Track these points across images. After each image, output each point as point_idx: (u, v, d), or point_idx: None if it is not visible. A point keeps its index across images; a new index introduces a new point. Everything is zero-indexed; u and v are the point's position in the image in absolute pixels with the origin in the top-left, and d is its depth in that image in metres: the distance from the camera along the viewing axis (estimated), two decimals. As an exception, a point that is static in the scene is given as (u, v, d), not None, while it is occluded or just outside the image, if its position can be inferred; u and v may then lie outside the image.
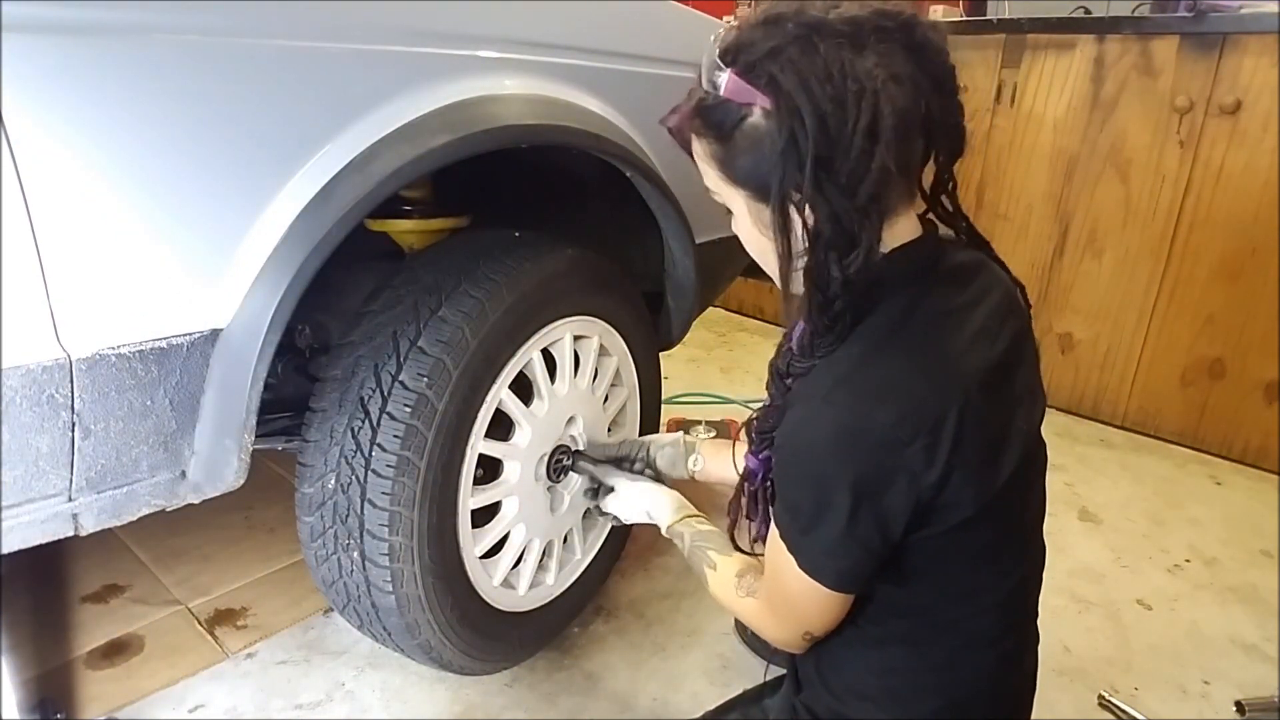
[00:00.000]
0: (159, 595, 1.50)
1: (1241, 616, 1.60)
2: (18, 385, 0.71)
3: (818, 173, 0.68)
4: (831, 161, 0.68)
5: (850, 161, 0.68)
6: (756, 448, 0.91)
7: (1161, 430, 2.35)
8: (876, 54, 0.68)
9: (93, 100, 0.70)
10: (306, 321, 1.30)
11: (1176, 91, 2.11)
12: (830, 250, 0.72)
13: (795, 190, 0.70)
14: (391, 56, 0.92)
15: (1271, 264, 2.06)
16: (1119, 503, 2.01)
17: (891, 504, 0.72)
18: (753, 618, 0.94)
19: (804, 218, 0.72)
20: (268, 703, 1.28)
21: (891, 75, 0.68)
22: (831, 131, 0.67)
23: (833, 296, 0.74)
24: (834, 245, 0.72)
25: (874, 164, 0.68)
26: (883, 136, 0.68)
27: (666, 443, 1.29)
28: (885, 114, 0.67)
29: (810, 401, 0.76)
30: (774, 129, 0.70)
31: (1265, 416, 2.16)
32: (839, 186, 0.69)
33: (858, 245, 0.71)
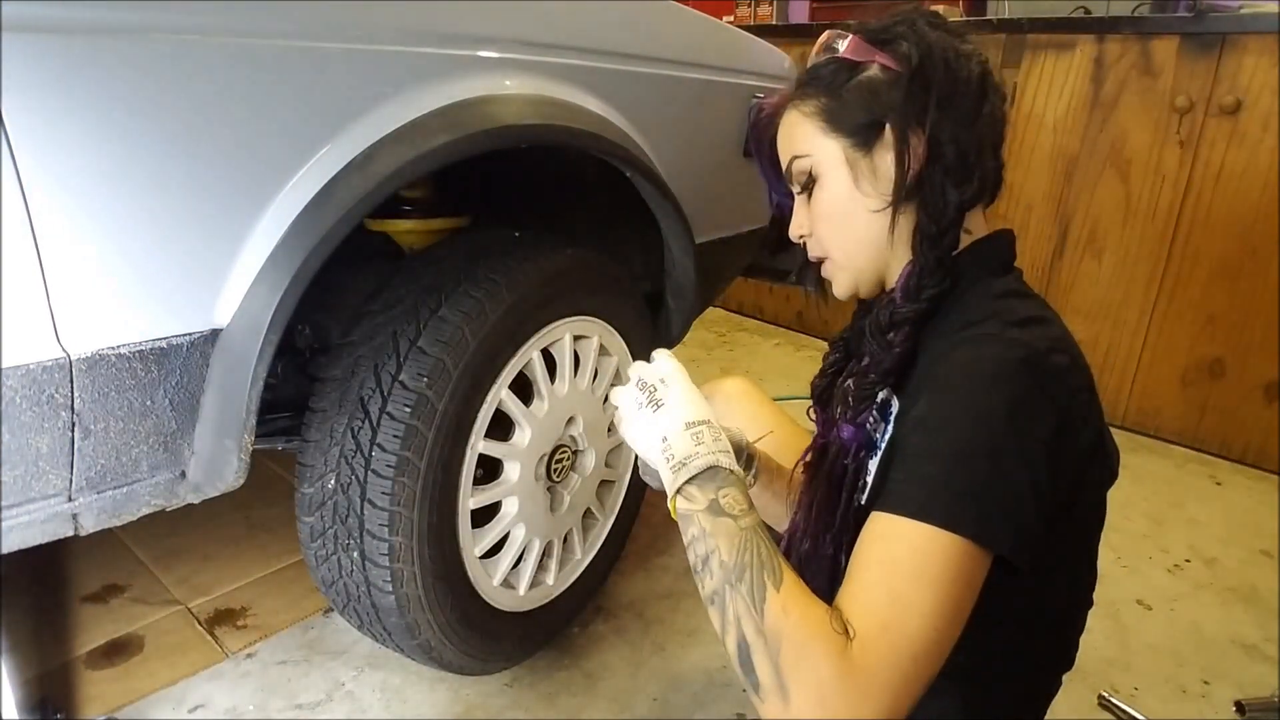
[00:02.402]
0: (159, 595, 1.50)
1: (1241, 616, 1.60)
2: (18, 385, 0.71)
3: (942, 102, 0.73)
4: (953, 96, 0.74)
5: (968, 101, 0.74)
6: (855, 413, 0.78)
7: (1161, 430, 2.35)
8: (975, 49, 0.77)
9: (93, 100, 0.70)
10: (306, 321, 1.30)
11: (1176, 91, 2.11)
12: (948, 176, 0.74)
13: (918, 118, 0.74)
14: (392, 56, 0.92)
15: (1271, 264, 2.06)
16: (1119, 503, 2.01)
17: (1067, 451, 0.66)
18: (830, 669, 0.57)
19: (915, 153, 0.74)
20: (268, 703, 1.28)
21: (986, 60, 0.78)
22: (953, 72, 0.74)
23: (946, 226, 0.75)
24: (952, 172, 0.74)
25: (985, 109, 0.75)
26: (990, 90, 0.76)
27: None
28: (990, 80, 0.76)
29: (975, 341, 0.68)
30: (895, 78, 0.75)
31: (1265, 416, 2.16)
32: (961, 119, 0.74)
33: (972, 176, 0.75)
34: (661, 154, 1.31)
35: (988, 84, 0.76)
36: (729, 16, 3.51)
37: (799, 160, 0.80)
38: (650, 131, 1.29)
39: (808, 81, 0.80)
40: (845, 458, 0.80)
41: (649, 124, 1.29)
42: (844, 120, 0.77)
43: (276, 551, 1.64)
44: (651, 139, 1.29)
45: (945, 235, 0.75)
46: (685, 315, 1.55)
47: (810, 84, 0.79)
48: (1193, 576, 1.73)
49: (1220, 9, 2.04)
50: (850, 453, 0.79)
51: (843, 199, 0.79)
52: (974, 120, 0.75)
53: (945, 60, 0.74)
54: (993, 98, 0.76)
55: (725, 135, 1.52)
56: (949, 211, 0.75)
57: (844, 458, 0.80)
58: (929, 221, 0.75)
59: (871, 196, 0.77)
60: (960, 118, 0.74)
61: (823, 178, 0.79)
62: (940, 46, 0.75)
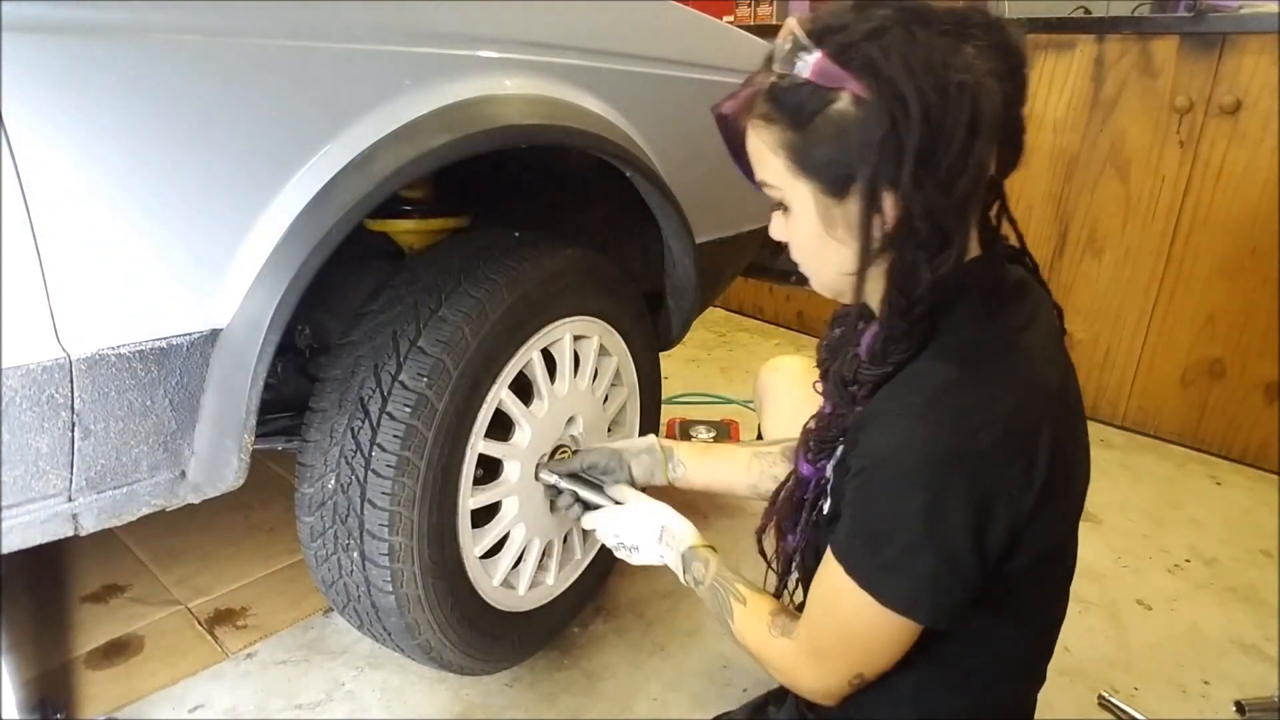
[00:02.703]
0: (159, 595, 1.50)
1: (1241, 616, 1.60)
2: (18, 385, 0.71)
3: (919, 166, 0.64)
4: (933, 155, 0.64)
5: (950, 156, 0.64)
6: (814, 456, 0.85)
7: (1161, 430, 2.35)
8: (974, 48, 0.66)
9: (93, 100, 0.70)
10: (306, 321, 1.30)
11: (1176, 91, 2.11)
12: (921, 250, 0.68)
13: (889, 184, 0.66)
14: (392, 56, 0.92)
15: (1271, 264, 2.06)
16: (1119, 503, 2.01)
17: (992, 530, 0.68)
18: (784, 662, 0.83)
19: (888, 215, 0.67)
20: (267, 703, 1.28)
21: (990, 70, 0.66)
22: (934, 123, 0.63)
23: (916, 300, 0.70)
24: (926, 244, 0.68)
25: (971, 160, 0.65)
26: (982, 132, 0.65)
27: (641, 449, 1.17)
28: (985, 110, 0.64)
29: (903, 419, 0.69)
30: (867, 117, 0.65)
31: (1265, 416, 2.16)
32: (938, 181, 0.65)
33: (950, 246, 0.68)
34: (661, 154, 1.31)
35: (980, 121, 0.64)
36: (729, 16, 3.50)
37: (769, 188, 0.76)
38: (650, 131, 1.29)
39: (772, 100, 0.70)
40: (804, 490, 0.87)
41: (649, 124, 1.29)
42: (812, 163, 0.70)
43: (276, 551, 1.64)
44: (651, 139, 1.29)
45: (915, 306, 0.70)
46: (685, 315, 1.55)
47: (774, 104, 0.70)
48: (1193, 576, 1.73)
49: (1220, 9, 2.04)
50: (809, 486, 0.87)
51: (813, 240, 0.75)
52: (958, 176, 0.65)
53: (926, 109, 0.63)
54: (984, 137, 0.65)
55: (725, 135, 1.52)
56: (919, 286, 0.69)
57: (803, 490, 0.87)
58: (898, 294, 0.70)
59: (845, 244, 0.72)
60: (939, 181, 0.65)
61: (793, 214, 0.75)
62: (919, 86, 0.63)
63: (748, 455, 1.15)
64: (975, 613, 0.75)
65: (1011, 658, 0.84)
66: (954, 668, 0.82)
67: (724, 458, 1.17)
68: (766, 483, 1.12)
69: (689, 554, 1.00)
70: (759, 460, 1.15)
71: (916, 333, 0.72)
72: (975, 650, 0.82)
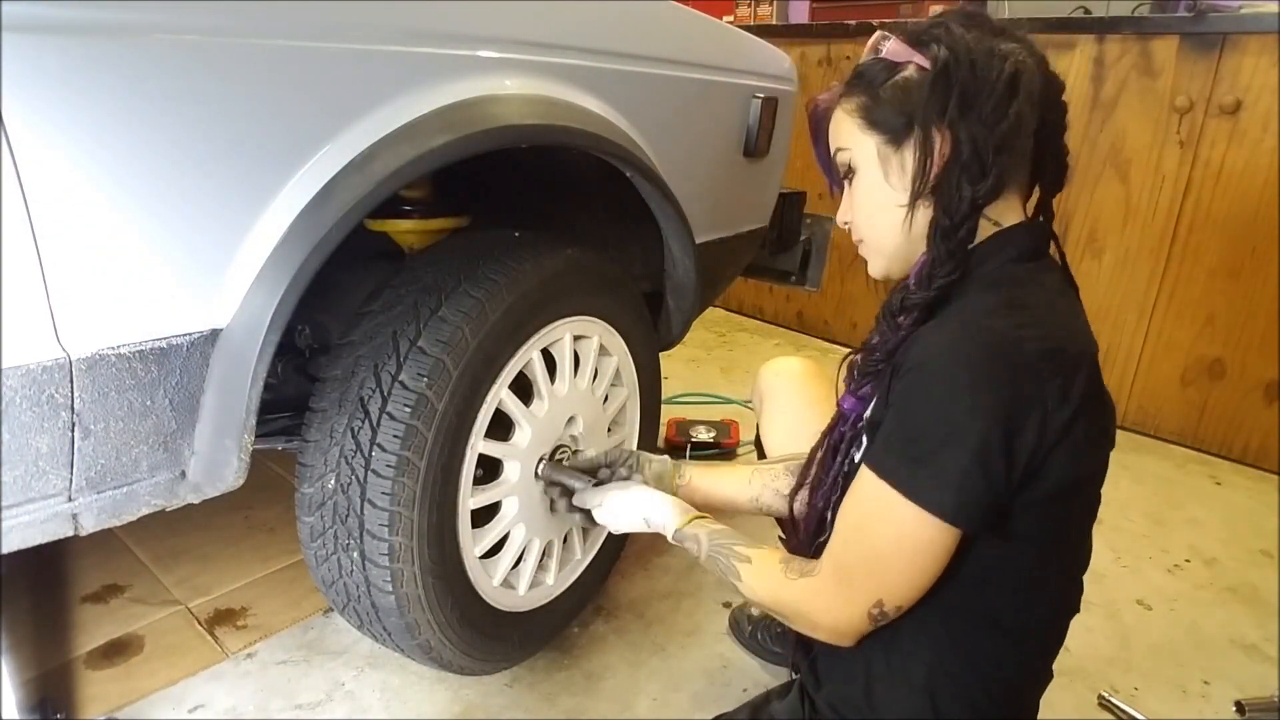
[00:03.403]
0: (159, 595, 1.51)
1: (1241, 616, 1.60)
2: (18, 385, 0.71)
3: (963, 102, 0.77)
4: (977, 95, 0.77)
5: (992, 101, 0.77)
6: (858, 385, 0.89)
7: (1161, 430, 2.35)
8: (1019, 45, 0.80)
9: (93, 100, 0.70)
10: (306, 321, 1.30)
11: (1176, 91, 2.11)
12: (964, 174, 0.78)
13: (939, 116, 0.78)
14: (392, 56, 0.92)
15: (1271, 264, 2.06)
16: (1119, 503, 2.01)
17: (1023, 434, 0.72)
18: (804, 600, 0.84)
19: (939, 151, 0.79)
20: (268, 703, 1.28)
21: (1030, 59, 0.80)
22: (979, 72, 0.77)
23: (959, 221, 0.79)
24: (968, 169, 0.78)
25: (1011, 110, 0.77)
26: (1020, 91, 0.77)
27: (654, 459, 1.24)
28: (1024, 78, 0.78)
29: (949, 327, 0.77)
30: (925, 77, 0.79)
31: (1265, 416, 2.16)
32: (981, 119, 0.77)
33: (987, 175, 0.78)
34: (661, 154, 1.31)
35: (1019, 83, 0.77)
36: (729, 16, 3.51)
37: (841, 153, 0.88)
38: (650, 131, 1.29)
39: (854, 79, 0.86)
40: (844, 425, 0.90)
41: (649, 124, 1.29)
42: (879, 118, 0.83)
43: (276, 551, 1.64)
44: (651, 139, 1.29)
45: (958, 229, 0.80)
46: (685, 315, 1.55)
47: (856, 82, 0.86)
48: (1193, 576, 1.73)
49: (1220, 9, 2.04)
50: (850, 421, 0.89)
51: (874, 191, 0.86)
52: (998, 121, 0.77)
53: (972, 61, 0.78)
54: (1023, 97, 0.78)
55: (725, 135, 1.52)
56: (962, 207, 0.79)
57: (842, 425, 0.90)
58: (944, 215, 0.80)
59: (899, 190, 0.83)
60: (982, 118, 0.77)
61: (859, 171, 0.87)
62: (970, 47, 0.78)
63: (749, 470, 1.18)
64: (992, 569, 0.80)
65: (1021, 643, 0.86)
66: (964, 655, 0.84)
67: (726, 471, 1.21)
68: (768, 496, 1.15)
69: (678, 535, 1.03)
70: (761, 475, 1.16)
71: (960, 256, 0.80)
72: (984, 634, 0.84)
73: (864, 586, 0.79)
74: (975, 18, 0.82)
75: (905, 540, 0.76)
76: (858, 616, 0.80)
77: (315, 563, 1.09)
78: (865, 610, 0.80)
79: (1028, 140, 0.82)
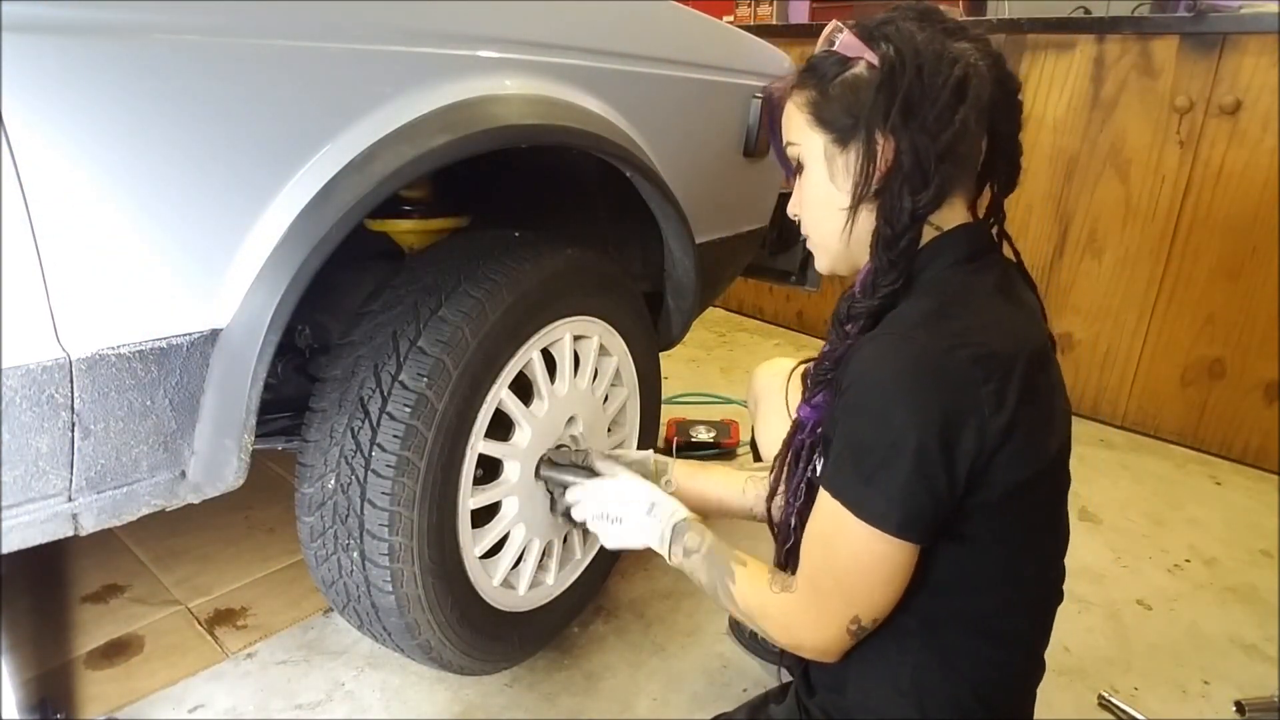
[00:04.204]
0: (159, 595, 1.51)
1: (1241, 616, 1.60)
2: (18, 385, 0.71)
3: (906, 108, 0.76)
4: (921, 102, 0.76)
5: (936, 109, 0.76)
6: (810, 394, 0.88)
7: (1161, 430, 2.35)
8: (973, 47, 0.78)
9: (93, 100, 0.70)
10: (306, 321, 1.30)
11: (1176, 91, 2.11)
12: (905, 184, 0.78)
13: (882, 122, 0.77)
14: (392, 56, 0.92)
15: (1271, 264, 2.06)
16: (1119, 503, 2.01)
17: (961, 443, 0.73)
18: (785, 616, 0.85)
19: (882, 155, 0.78)
20: (268, 703, 1.28)
21: (982, 62, 0.78)
22: (925, 78, 0.76)
23: (900, 231, 0.78)
24: (909, 179, 0.77)
25: (957, 117, 0.76)
26: (968, 98, 0.76)
27: (635, 459, 1.19)
28: (972, 83, 0.76)
29: (886, 340, 0.77)
30: (873, 76, 0.78)
31: (1265, 416, 2.16)
32: (924, 127, 0.76)
33: (929, 184, 0.77)
34: (661, 154, 1.31)
35: (967, 89, 0.76)
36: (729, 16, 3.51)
37: (791, 147, 0.87)
38: (650, 131, 1.29)
39: (807, 72, 0.84)
40: (802, 433, 0.90)
41: (649, 124, 1.29)
42: (827, 116, 0.82)
43: (276, 551, 1.64)
44: (651, 139, 1.29)
45: (900, 239, 0.79)
46: (685, 315, 1.55)
47: (808, 75, 0.84)
48: (1193, 576, 1.73)
49: (1220, 9, 2.04)
50: (807, 429, 0.89)
51: (820, 190, 0.85)
52: (941, 129, 0.76)
53: (919, 65, 0.76)
54: (970, 103, 0.76)
55: (725, 135, 1.52)
56: (903, 218, 0.78)
57: (801, 433, 0.90)
58: (885, 225, 0.80)
59: (843, 192, 0.82)
60: (925, 126, 0.76)
61: (807, 167, 0.86)
62: (919, 49, 0.76)
63: (744, 478, 1.15)
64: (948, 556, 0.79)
65: (1002, 642, 0.85)
66: (945, 659, 0.84)
67: (718, 476, 1.18)
68: (763, 506, 1.07)
69: (681, 525, 0.99)
70: (755, 484, 1.12)
71: (901, 265, 0.80)
72: (963, 637, 0.84)
73: (837, 604, 0.80)
74: (930, 14, 0.80)
75: (863, 556, 0.77)
76: (837, 634, 0.81)
77: (315, 563, 1.09)
78: (844, 627, 0.80)
79: (975, 145, 0.81)
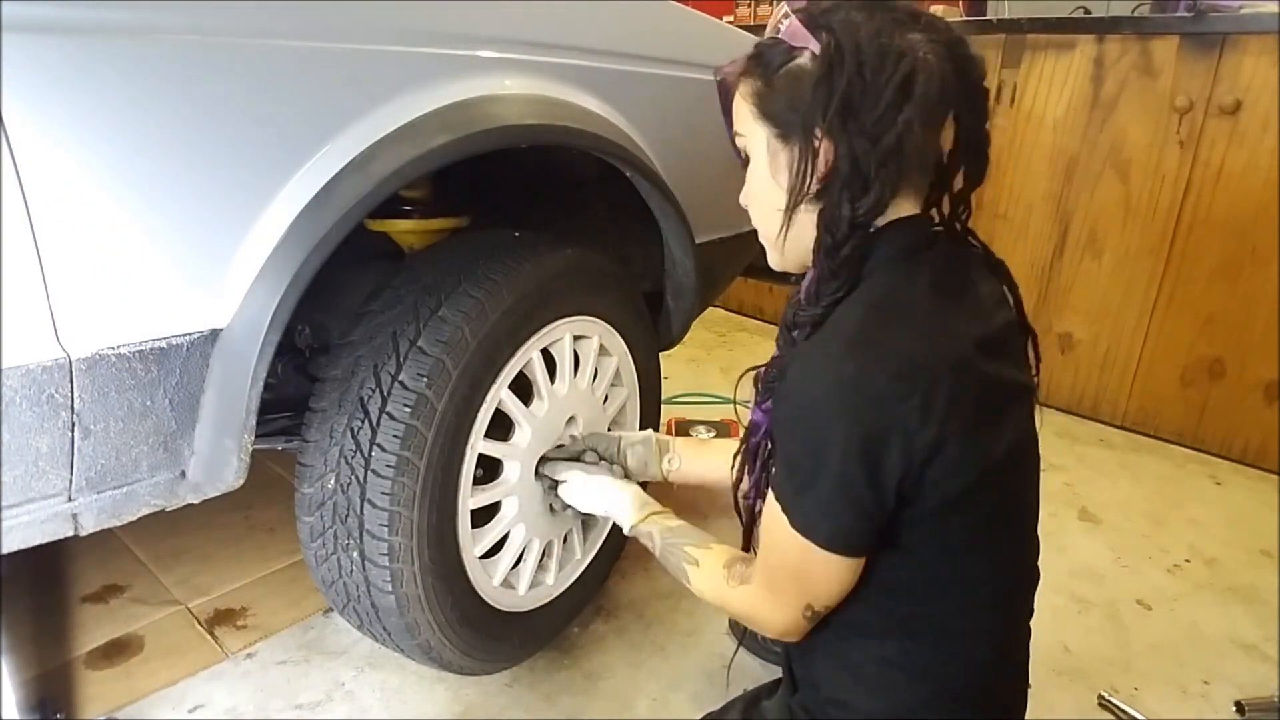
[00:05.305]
0: (159, 595, 1.51)
1: (1241, 616, 1.60)
2: (18, 385, 0.71)
3: (845, 110, 0.72)
4: (860, 103, 0.72)
5: (879, 109, 0.72)
6: (760, 399, 0.90)
7: (1161, 430, 2.35)
8: (925, 37, 0.73)
9: (93, 100, 0.70)
10: (306, 321, 1.30)
11: (1176, 91, 2.11)
12: (844, 190, 0.75)
13: (820, 122, 0.73)
14: (392, 56, 0.92)
15: (1271, 264, 2.06)
16: (1119, 503, 2.01)
17: (885, 462, 0.72)
18: (748, 607, 0.89)
19: (823, 157, 0.75)
20: (267, 703, 1.28)
21: (933, 54, 0.73)
22: (867, 75, 0.72)
23: (840, 240, 0.76)
24: (849, 185, 0.74)
25: (900, 118, 0.72)
26: (914, 96, 0.71)
27: (637, 440, 1.23)
28: (919, 79, 0.72)
29: (813, 356, 0.76)
30: (815, 69, 0.74)
31: (1265, 416, 2.16)
32: (862, 129, 0.72)
33: (869, 191, 0.74)
34: (661, 154, 1.31)
35: (912, 87, 0.71)
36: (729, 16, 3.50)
37: (739, 137, 0.85)
38: (650, 131, 1.29)
39: (754, 59, 0.81)
40: (755, 435, 0.91)
41: (649, 124, 1.29)
42: (770, 109, 0.79)
43: (276, 551, 1.64)
44: (651, 139, 1.29)
45: (840, 247, 0.77)
46: (685, 315, 1.55)
47: (754, 63, 0.81)
48: (1193, 576, 1.73)
49: (1220, 9, 2.04)
50: (761, 432, 0.90)
51: (763, 184, 0.83)
52: (882, 132, 0.72)
53: (860, 62, 0.72)
54: (916, 102, 0.72)
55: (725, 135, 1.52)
56: (842, 226, 0.76)
57: (754, 435, 0.92)
58: (825, 233, 0.77)
59: (783, 190, 0.80)
60: (863, 129, 0.72)
61: (753, 159, 0.84)
62: (861, 44, 0.72)
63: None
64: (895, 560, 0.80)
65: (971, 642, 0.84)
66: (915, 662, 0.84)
67: (720, 452, 1.17)
68: None
69: (633, 531, 1.08)
70: None
71: (844, 274, 0.78)
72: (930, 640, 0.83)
73: (790, 594, 0.83)
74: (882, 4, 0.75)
75: (805, 557, 0.78)
76: (793, 619, 0.84)
77: (315, 563, 1.09)
78: (798, 613, 0.83)
79: (929, 141, 0.78)
